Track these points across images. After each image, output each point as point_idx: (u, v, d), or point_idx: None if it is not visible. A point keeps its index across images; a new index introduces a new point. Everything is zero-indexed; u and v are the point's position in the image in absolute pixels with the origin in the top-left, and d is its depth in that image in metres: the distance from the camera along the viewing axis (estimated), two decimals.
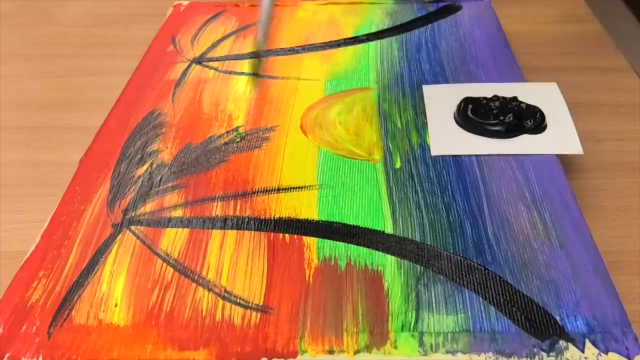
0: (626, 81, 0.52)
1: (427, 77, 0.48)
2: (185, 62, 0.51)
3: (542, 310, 0.30)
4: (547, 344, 0.29)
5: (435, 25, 0.55)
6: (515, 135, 0.41)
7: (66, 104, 0.52)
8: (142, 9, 0.67)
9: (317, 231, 0.35)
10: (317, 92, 0.47)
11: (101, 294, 0.32)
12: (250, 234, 0.35)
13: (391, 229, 0.35)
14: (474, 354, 0.29)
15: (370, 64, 0.50)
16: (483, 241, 0.34)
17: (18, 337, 0.30)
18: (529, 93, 0.44)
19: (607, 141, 0.46)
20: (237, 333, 0.30)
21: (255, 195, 0.38)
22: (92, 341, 0.30)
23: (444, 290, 0.31)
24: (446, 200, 0.37)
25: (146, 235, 0.35)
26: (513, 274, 0.32)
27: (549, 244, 0.34)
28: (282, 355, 0.29)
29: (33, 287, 0.32)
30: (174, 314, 0.31)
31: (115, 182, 0.39)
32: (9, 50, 0.61)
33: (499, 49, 0.51)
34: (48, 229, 0.36)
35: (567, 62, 0.55)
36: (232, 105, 0.46)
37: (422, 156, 0.40)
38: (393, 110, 0.45)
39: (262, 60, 0.44)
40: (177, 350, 0.29)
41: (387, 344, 0.29)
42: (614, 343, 0.29)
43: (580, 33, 0.59)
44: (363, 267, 0.33)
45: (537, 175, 0.38)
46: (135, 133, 0.43)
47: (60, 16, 0.67)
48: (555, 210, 0.36)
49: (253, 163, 0.40)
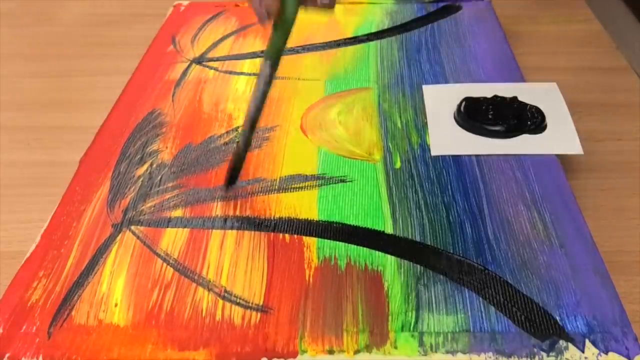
0: (626, 81, 0.52)
1: (427, 77, 0.48)
2: (185, 62, 0.51)
3: (542, 310, 0.30)
4: (547, 344, 0.29)
5: (435, 25, 0.55)
6: (515, 135, 0.41)
7: (66, 104, 0.52)
8: (142, 9, 0.67)
9: (317, 231, 0.35)
10: (317, 92, 0.47)
11: (101, 294, 0.32)
12: (250, 234, 0.35)
13: (391, 229, 0.35)
14: (474, 354, 0.29)
15: (370, 64, 0.50)
16: (483, 241, 0.34)
17: (18, 337, 0.30)
18: (529, 93, 0.44)
19: (607, 141, 0.45)
20: (237, 333, 0.30)
21: (255, 195, 0.38)
22: (92, 341, 0.30)
23: (444, 290, 0.31)
24: (446, 200, 0.37)
25: (146, 235, 0.35)
26: (513, 274, 0.32)
27: (549, 244, 0.34)
28: (282, 355, 0.29)
29: (33, 287, 0.32)
30: (174, 314, 0.31)
31: (115, 182, 0.39)
32: (9, 50, 0.61)
33: (499, 49, 0.51)
34: (48, 229, 0.36)
35: (567, 62, 0.55)
36: (232, 105, 0.46)
37: (422, 156, 0.40)
38: (393, 110, 0.45)
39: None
40: (177, 350, 0.29)
41: (387, 344, 0.29)
42: (614, 343, 0.29)
43: (580, 33, 0.59)
44: (363, 267, 0.33)
45: (537, 175, 0.38)
46: (135, 133, 0.43)
47: (60, 16, 0.67)
48: (555, 210, 0.36)
49: (253, 163, 0.40)
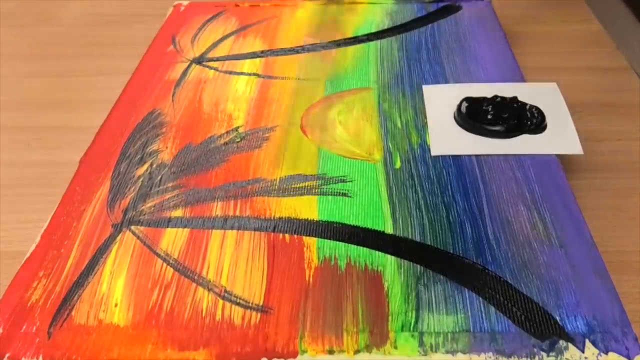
0: (626, 81, 0.52)
1: (427, 77, 0.48)
2: (185, 62, 0.51)
3: (542, 310, 0.30)
4: (547, 344, 0.29)
5: (435, 25, 0.55)
6: (515, 135, 0.41)
7: (66, 104, 0.52)
8: (142, 9, 0.67)
9: (317, 231, 0.35)
10: (317, 92, 0.47)
11: (101, 294, 0.32)
12: (250, 234, 0.35)
13: (391, 229, 0.35)
14: (474, 354, 0.29)
15: (370, 64, 0.50)
16: (483, 241, 0.34)
17: (18, 337, 0.30)
18: (529, 93, 0.44)
19: (607, 141, 0.45)
20: (237, 333, 0.30)
21: (255, 195, 0.38)
22: (92, 341, 0.30)
23: (444, 290, 0.31)
24: (446, 200, 0.37)
25: (146, 235, 0.35)
26: (513, 274, 0.32)
27: (549, 244, 0.34)
28: (282, 355, 0.29)
29: (33, 287, 0.32)
30: (174, 314, 0.31)
31: (115, 182, 0.39)
32: (9, 50, 0.61)
33: (499, 49, 0.51)
34: (48, 229, 0.36)
35: (567, 62, 0.55)
36: (232, 105, 0.46)
37: (422, 156, 0.40)
38: (393, 110, 0.45)
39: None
40: (177, 350, 0.29)
41: (387, 344, 0.29)
42: (614, 343, 0.29)
43: (580, 33, 0.59)
44: (363, 267, 0.33)
45: (537, 175, 0.38)
46: (135, 133, 0.43)
47: (60, 16, 0.67)
48: (555, 210, 0.36)
49: (253, 163, 0.40)
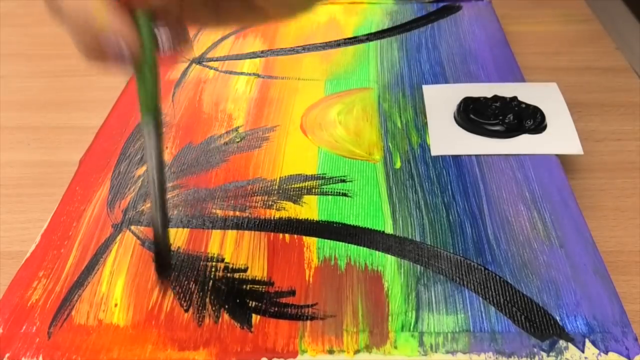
0: (626, 81, 0.52)
1: (427, 77, 0.48)
2: (185, 62, 0.51)
3: (542, 310, 0.30)
4: (547, 344, 0.29)
5: (435, 25, 0.55)
6: (515, 135, 0.41)
7: (66, 104, 0.52)
8: None
9: (317, 231, 0.35)
10: (317, 92, 0.47)
11: (101, 294, 0.32)
12: (250, 234, 0.35)
13: (391, 229, 0.35)
14: (474, 354, 0.29)
15: (370, 64, 0.50)
16: (483, 241, 0.34)
17: (18, 337, 0.30)
18: (529, 93, 0.44)
19: (607, 141, 0.45)
20: (237, 333, 0.30)
21: (255, 195, 0.38)
22: (92, 341, 0.30)
23: (444, 290, 0.31)
24: (446, 200, 0.37)
25: (146, 235, 0.35)
26: (513, 274, 0.32)
27: (549, 244, 0.34)
28: (282, 355, 0.29)
29: (33, 287, 0.32)
30: (174, 314, 0.31)
31: (115, 182, 0.39)
32: (9, 50, 0.61)
33: (499, 49, 0.51)
34: (48, 229, 0.36)
35: (567, 62, 0.55)
36: (232, 105, 0.46)
37: (422, 156, 0.40)
38: (393, 110, 0.45)
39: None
40: (177, 350, 0.29)
41: (387, 344, 0.29)
42: (614, 343, 0.29)
43: (580, 33, 0.59)
44: (363, 267, 0.33)
45: (537, 175, 0.38)
46: (135, 133, 0.43)
47: None
48: (555, 210, 0.36)
49: (253, 163, 0.40)
